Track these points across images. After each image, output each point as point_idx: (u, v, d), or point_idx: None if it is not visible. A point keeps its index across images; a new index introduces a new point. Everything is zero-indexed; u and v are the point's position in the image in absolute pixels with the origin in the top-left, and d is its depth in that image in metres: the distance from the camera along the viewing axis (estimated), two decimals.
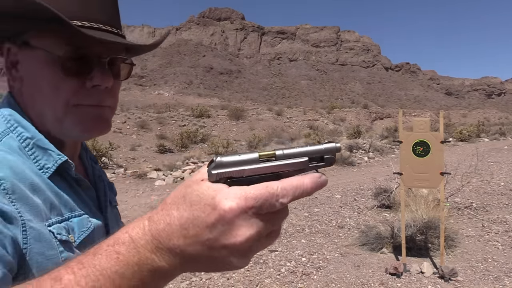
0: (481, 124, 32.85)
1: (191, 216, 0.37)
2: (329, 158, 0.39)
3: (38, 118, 0.66)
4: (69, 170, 0.66)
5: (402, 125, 4.12)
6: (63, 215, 0.61)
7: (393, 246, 4.68)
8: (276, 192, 0.36)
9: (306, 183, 0.37)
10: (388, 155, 16.40)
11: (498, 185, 8.38)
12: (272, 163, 0.38)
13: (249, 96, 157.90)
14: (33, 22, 0.61)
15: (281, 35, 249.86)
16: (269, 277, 4.06)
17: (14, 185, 0.54)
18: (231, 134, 27.57)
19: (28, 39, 0.63)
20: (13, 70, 0.66)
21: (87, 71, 0.64)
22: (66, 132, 0.66)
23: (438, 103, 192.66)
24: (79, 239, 0.61)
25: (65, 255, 0.57)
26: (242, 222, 0.36)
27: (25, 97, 0.66)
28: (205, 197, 0.37)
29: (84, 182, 0.70)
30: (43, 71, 0.63)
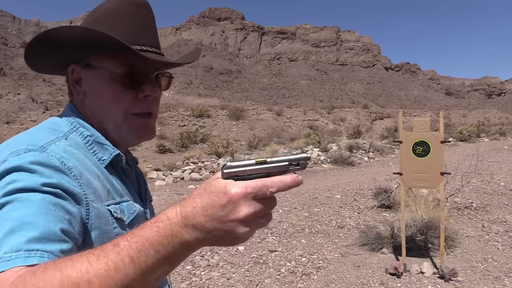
0: (481, 124, 32.83)
1: (210, 201, 0.52)
2: (303, 164, 0.56)
3: (99, 124, 0.82)
4: (121, 162, 0.83)
5: (402, 125, 4.12)
6: (116, 199, 0.77)
7: (393, 246, 4.68)
8: (266, 184, 0.52)
9: (287, 179, 0.53)
10: (388, 155, 16.40)
11: (498, 185, 8.37)
12: (264, 165, 0.55)
13: (249, 96, 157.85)
14: (99, 49, 0.77)
15: (281, 35, 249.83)
16: (269, 277, 4.06)
17: (81, 172, 0.70)
18: (231, 134, 27.55)
19: (91, 61, 0.80)
20: (77, 86, 0.83)
21: (139, 84, 0.81)
22: (123, 136, 0.83)
23: (438, 103, 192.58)
24: (129, 219, 0.78)
25: (117, 230, 0.74)
26: (244, 203, 0.51)
27: (87, 107, 0.83)
28: (219, 187, 0.53)
29: (131, 174, 0.88)
30: (105, 86, 0.80)
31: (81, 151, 0.75)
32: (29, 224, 0.56)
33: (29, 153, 0.65)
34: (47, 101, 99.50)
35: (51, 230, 0.57)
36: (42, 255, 0.54)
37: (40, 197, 0.60)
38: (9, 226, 0.56)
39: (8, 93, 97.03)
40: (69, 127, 0.79)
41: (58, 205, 0.61)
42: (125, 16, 0.80)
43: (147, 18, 0.84)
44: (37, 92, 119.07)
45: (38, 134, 0.74)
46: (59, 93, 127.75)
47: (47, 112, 36.80)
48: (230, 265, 4.36)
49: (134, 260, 0.50)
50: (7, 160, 0.64)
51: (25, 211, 0.58)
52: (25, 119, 32.26)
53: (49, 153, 0.68)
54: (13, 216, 0.57)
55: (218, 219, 0.52)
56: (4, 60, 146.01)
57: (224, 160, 13.88)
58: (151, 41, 0.83)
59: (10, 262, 0.52)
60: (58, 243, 0.57)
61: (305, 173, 11.93)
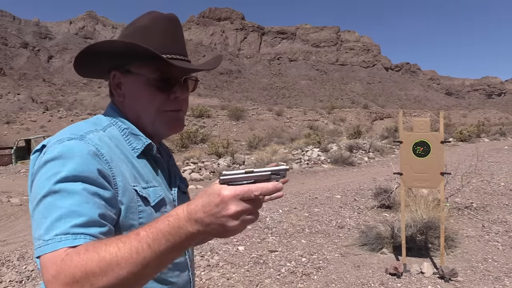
0: (481, 124, 32.83)
1: (208, 200, 0.66)
2: (282, 174, 0.72)
3: (136, 119, 0.97)
4: (152, 151, 0.97)
5: (402, 125, 4.12)
6: (142, 185, 0.90)
7: (393, 246, 4.67)
8: (251, 188, 0.66)
9: (269, 185, 0.67)
10: (388, 155, 16.39)
11: (498, 185, 8.37)
12: (250, 174, 0.69)
13: (249, 96, 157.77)
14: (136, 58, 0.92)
15: (281, 35, 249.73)
16: (269, 277, 4.06)
17: (111, 157, 0.85)
18: (231, 134, 27.54)
19: (130, 68, 0.95)
20: (117, 89, 0.98)
21: (171, 87, 0.95)
22: (157, 129, 0.97)
23: (438, 103, 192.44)
24: (154, 202, 0.91)
25: (141, 208, 0.87)
26: (233, 202, 0.65)
27: (126, 106, 0.98)
28: (215, 189, 0.67)
29: (161, 162, 1.01)
30: (142, 89, 0.94)
31: (114, 142, 0.90)
32: (74, 213, 0.72)
33: (70, 141, 0.81)
34: (47, 101, 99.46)
35: (92, 217, 0.73)
36: (85, 238, 0.70)
37: (81, 187, 0.75)
38: (58, 213, 0.72)
39: (8, 93, 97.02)
40: (108, 122, 0.95)
41: (95, 193, 0.76)
42: (157, 31, 0.94)
43: (175, 31, 0.98)
44: (37, 92, 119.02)
45: (81, 126, 0.90)
46: (59, 93, 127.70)
47: (47, 112, 36.75)
48: (230, 265, 4.36)
49: (150, 246, 0.65)
50: (52, 146, 0.81)
51: (70, 201, 0.73)
52: (25, 119, 32.22)
53: (87, 140, 0.83)
54: (61, 204, 0.72)
55: (213, 214, 0.66)
56: (4, 60, 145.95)
57: (224, 160, 13.89)
58: (179, 51, 0.97)
59: (61, 243, 0.69)
60: (97, 227, 0.74)
61: (305, 174, 11.93)
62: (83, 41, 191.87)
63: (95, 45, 0.90)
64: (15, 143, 18.52)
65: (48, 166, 0.77)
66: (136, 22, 0.97)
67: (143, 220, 0.86)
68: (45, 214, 0.73)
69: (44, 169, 0.78)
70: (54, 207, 0.72)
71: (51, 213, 0.72)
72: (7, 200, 8.39)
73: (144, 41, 0.90)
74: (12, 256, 4.81)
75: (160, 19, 0.95)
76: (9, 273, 4.33)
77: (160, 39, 0.94)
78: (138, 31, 0.94)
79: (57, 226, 0.70)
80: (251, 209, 0.67)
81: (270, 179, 0.69)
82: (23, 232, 6.20)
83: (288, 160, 13.67)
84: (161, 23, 0.95)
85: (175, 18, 0.98)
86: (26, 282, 4.12)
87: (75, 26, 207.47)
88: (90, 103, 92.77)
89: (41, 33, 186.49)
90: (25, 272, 4.36)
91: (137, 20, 0.97)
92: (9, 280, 4.14)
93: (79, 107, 64.29)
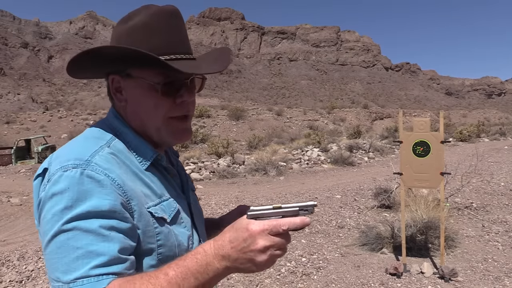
0: (481, 124, 32.81)
1: (235, 235, 0.67)
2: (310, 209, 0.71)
3: (140, 127, 0.89)
4: (161, 162, 0.91)
5: (402, 125, 4.12)
6: (155, 201, 0.84)
7: (393, 246, 4.67)
8: (279, 223, 0.67)
9: (296, 220, 0.68)
10: (388, 155, 16.39)
11: (498, 185, 8.37)
12: (278, 210, 0.69)
13: (249, 96, 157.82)
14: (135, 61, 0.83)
15: (281, 35, 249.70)
16: (269, 277, 4.05)
17: (123, 180, 0.78)
18: (231, 134, 27.54)
19: (130, 72, 0.86)
20: (118, 94, 0.89)
21: (176, 91, 0.86)
22: (163, 138, 0.89)
23: (438, 103, 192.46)
24: (170, 216, 0.85)
25: (158, 230, 0.81)
26: (261, 237, 0.66)
27: (129, 112, 0.89)
28: (243, 224, 0.68)
29: (172, 170, 0.95)
30: (145, 94, 0.85)
31: (121, 157, 0.83)
32: (92, 253, 0.68)
33: (77, 169, 0.74)
34: (47, 101, 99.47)
35: (111, 254, 0.69)
36: (107, 277, 0.68)
37: (96, 224, 0.70)
38: (75, 254, 0.68)
39: (8, 93, 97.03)
40: (111, 134, 0.87)
41: (112, 227, 0.72)
42: (159, 28, 0.84)
43: (179, 25, 0.88)
44: (37, 92, 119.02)
45: (84, 146, 0.81)
46: (59, 93, 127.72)
47: (47, 112, 36.75)
48: None
49: (180, 286, 0.66)
50: (56, 174, 0.74)
51: (86, 240, 0.69)
52: (25, 119, 32.22)
53: (93, 167, 0.75)
54: (76, 245, 0.68)
55: (241, 249, 0.66)
56: (4, 60, 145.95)
57: (224, 160, 13.88)
58: (184, 49, 0.88)
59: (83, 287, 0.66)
60: (119, 264, 0.71)
61: (305, 174, 11.93)
62: (83, 41, 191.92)
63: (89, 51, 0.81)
64: (15, 143, 18.52)
65: (55, 200, 0.71)
66: (132, 17, 0.86)
67: (161, 242, 0.82)
68: (60, 255, 0.68)
69: (51, 203, 0.72)
70: (70, 248, 0.68)
71: (67, 254, 0.68)
72: (7, 200, 8.39)
73: (145, 41, 0.83)
74: (12, 256, 4.81)
75: (161, 14, 0.85)
76: (9, 273, 4.33)
77: (163, 37, 0.84)
78: (138, 30, 0.84)
79: (75, 269, 0.67)
80: (280, 244, 0.67)
81: (298, 214, 0.70)
82: (23, 232, 6.21)
83: (288, 160, 13.67)
84: (163, 19, 0.85)
85: (176, 11, 0.88)
86: (26, 282, 4.13)
87: (75, 26, 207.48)
88: (90, 103, 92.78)
89: (41, 33, 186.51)
90: (25, 272, 4.36)
91: (133, 15, 0.86)
92: (9, 280, 4.14)
93: (79, 107, 64.30)
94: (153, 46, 0.82)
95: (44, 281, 4.12)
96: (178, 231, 0.87)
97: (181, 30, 0.88)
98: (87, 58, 0.83)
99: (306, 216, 0.69)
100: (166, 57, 0.83)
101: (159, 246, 0.81)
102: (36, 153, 17.51)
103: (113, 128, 0.88)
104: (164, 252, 0.82)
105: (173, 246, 0.84)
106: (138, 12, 0.86)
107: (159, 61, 0.79)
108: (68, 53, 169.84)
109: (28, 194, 8.98)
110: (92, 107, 54.21)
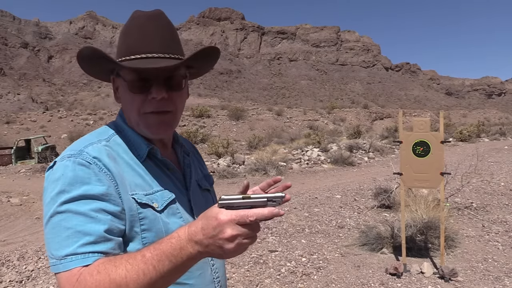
0: (481, 124, 32.79)
1: (206, 223, 0.70)
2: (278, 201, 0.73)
3: (129, 122, 0.97)
4: (156, 154, 0.96)
5: (402, 125, 4.12)
6: (148, 190, 0.91)
7: (393, 246, 4.67)
8: (247, 214, 0.69)
9: (265, 211, 0.69)
10: (388, 155, 16.39)
11: (498, 185, 8.37)
12: (247, 200, 0.71)
13: (249, 96, 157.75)
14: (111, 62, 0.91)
15: (281, 35, 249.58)
16: (269, 277, 4.05)
17: (111, 168, 0.85)
18: (231, 134, 27.54)
19: (119, 71, 0.94)
20: (117, 92, 0.99)
21: (148, 88, 0.91)
22: (141, 132, 0.96)
23: (438, 103, 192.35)
24: (162, 206, 0.91)
25: (142, 215, 0.87)
26: (229, 226, 0.69)
27: (123, 109, 0.99)
28: (213, 213, 0.70)
29: (170, 165, 1.00)
30: (124, 92, 0.94)
31: (119, 150, 0.92)
32: (80, 232, 0.76)
33: (70, 159, 0.84)
34: (47, 101, 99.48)
35: (98, 235, 0.77)
36: (93, 256, 0.75)
37: (85, 206, 0.78)
38: (65, 234, 0.76)
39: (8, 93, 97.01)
40: (112, 131, 0.97)
41: (100, 209, 0.79)
42: (133, 30, 0.93)
43: (152, 27, 0.93)
44: (37, 92, 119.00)
45: (85, 140, 0.92)
46: (59, 93, 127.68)
47: (47, 112, 36.74)
48: (230, 265, 4.36)
49: (156, 268, 0.70)
50: (57, 164, 0.85)
51: (75, 221, 0.77)
52: (25, 119, 32.21)
53: (84, 155, 0.84)
54: (67, 225, 0.77)
55: (211, 237, 0.69)
56: (4, 60, 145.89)
57: (224, 160, 13.88)
58: (154, 48, 0.91)
59: (72, 263, 0.74)
60: (105, 243, 0.77)
61: (305, 174, 11.92)
62: (83, 41, 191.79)
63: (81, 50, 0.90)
64: (15, 143, 18.52)
65: (52, 186, 0.81)
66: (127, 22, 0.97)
67: (145, 227, 0.87)
68: (53, 234, 0.77)
69: (49, 189, 0.81)
70: (62, 228, 0.77)
71: (59, 234, 0.77)
72: (7, 200, 8.38)
73: (123, 42, 0.93)
74: (12, 256, 4.81)
75: (138, 17, 0.94)
76: (9, 273, 4.33)
77: (136, 38, 0.92)
78: (122, 32, 0.96)
79: (65, 246, 0.75)
80: (247, 233, 0.70)
81: (266, 205, 0.72)
82: (23, 232, 6.21)
83: (288, 160, 13.67)
84: (139, 21, 0.93)
85: (155, 14, 0.94)
86: (26, 282, 4.12)
87: (75, 26, 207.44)
88: (90, 103, 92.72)
89: (41, 33, 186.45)
90: (25, 272, 4.36)
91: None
92: (9, 280, 4.14)
93: (79, 107, 64.29)
94: (127, 46, 0.92)
95: (44, 281, 4.12)
96: (170, 220, 0.92)
97: (154, 31, 0.92)
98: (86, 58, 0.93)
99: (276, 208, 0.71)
100: (132, 57, 0.91)
101: (143, 230, 0.87)
102: (36, 153, 17.50)
103: (117, 125, 0.99)
104: (149, 237, 0.87)
105: (160, 233, 0.88)
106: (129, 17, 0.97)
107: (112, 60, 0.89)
108: (68, 53, 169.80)
109: (28, 194, 8.98)
110: (92, 107, 54.19)
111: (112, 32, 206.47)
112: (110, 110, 42.74)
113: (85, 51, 0.90)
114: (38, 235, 5.94)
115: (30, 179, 11.81)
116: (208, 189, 1.15)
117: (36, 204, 8.06)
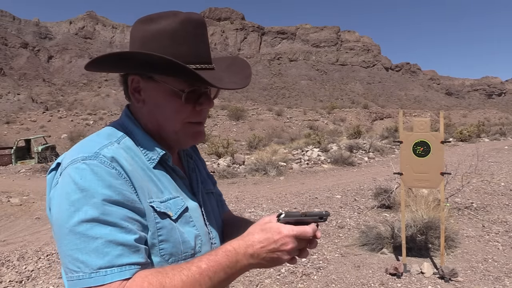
0: (482, 124, 32.80)
1: (266, 237, 0.77)
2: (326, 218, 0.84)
3: (155, 127, 0.92)
4: (168, 161, 0.92)
5: (402, 125, 4.11)
6: (161, 198, 0.86)
7: (393, 246, 4.67)
8: (305, 230, 0.79)
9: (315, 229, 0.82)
10: (388, 155, 16.38)
11: (498, 185, 8.37)
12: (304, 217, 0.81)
13: (249, 96, 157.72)
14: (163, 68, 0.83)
15: (281, 35, 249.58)
16: (269, 277, 4.05)
17: (130, 173, 0.80)
18: (231, 134, 27.55)
19: (153, 75, 0.87)
20: (136, 94, 0.90)
21: (197, 98, 0.90)
22: (179, 140, 0.93)
23: (438, 103, 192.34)
24: (176, 214, 0.87)
25: (160, 225, 0.82)
26: (291, 240, 0.77)
27: (145, 113, 0.92)
28: (275, 227, 0.78)
29: (179, 172, 0.96)
30: (167, 98, 0.88)
31: (130, 154, 0.86)
32: (112, 242, 0.71)
33: (86, 161, 0.76)
34: (47, 101, 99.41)
35: (130, 244, 0.73)
36: (130, 268, 0.71)
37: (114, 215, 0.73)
38: (94, 244, 0.70)
39: (8, 93, 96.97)
40: (122, 133, 0.89)
41: (127, 217, 0.75)
42: (186, 37, 0.85)
43: (204, 36, 0.89)
44: (37, 92, 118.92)
45: (95, 141, 0.84)
46: (59, 93, 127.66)
47: (47, 112, 36.74)
48: None
49: (211, 279, 0.74)
50: (67, 167, 0.77)
51: (105, 230, 0.71)
52: (25, 119, 32.22)
53: (101, 158, 0.78)
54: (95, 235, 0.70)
55: (271, 250, 0.76)
56: (4, 60, 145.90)
57: (224, 160, 13.88)
58: (208, 58, 0.90)
59: (108, 277, 0.69)
60: (138, 253, 0.74)
61: (305, 174, 11.92)
62: (83, 41, 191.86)
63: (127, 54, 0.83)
64: (15, 143, 18.53)
65: (68, 191, 0.73)
66: (157, 21, 0.85)
67: (163, 237, 0.82)
68: (78, 244, 0.70)
69: (65, 194, 0.73)
70: (88, 238, 0.70)
71: (87, 244, 0.70)
72: (7, 200, 8.38)
73: (173, 48, 0.84)
74: (12, 256, 4.81)
75: (189, 22, 0.86)
76: (9, 273, 4.33)
77: (190, 46, 0.86)
78: (166, 36, 0.84)
79: (96, 258, 0.69)
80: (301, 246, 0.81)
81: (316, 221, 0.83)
82: (23, 232, 6.20)
83: (288, 160, 13.67)
84: (191, 27, 0.86)
85: (203, 22, 0.90)
86: (26, 282, 4.12)
87: (75, 26, 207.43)
88: (90, 103, 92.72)
89: (41, 33, 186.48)
90: (25, 272, 4.36)
91: (159, 19, 0.86)
92: (9, 280, 4.14)
93: (79, 107, 64.26)
94: (180, 54, 0.84)
95: (44, 281, 4.12)
96: (185, 229, 0.88)
97: (205, 40, 0.90)
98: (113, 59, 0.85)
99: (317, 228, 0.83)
100: (192, 66, 0.84)
101: (160, 241, 0.82)
102: (36, 153, 17.52)
103: (125, 127, 0.92)
104: (166, 248, 0.82)
105: (178, 243, 0.84)
106: (165, 17, 0.86)
107: (192, 73, 0.81)
108: (68, 53, 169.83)
109: (28, 194, 8.99)
110: (92, 107, 54.20)
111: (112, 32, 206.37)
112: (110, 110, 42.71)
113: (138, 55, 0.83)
114: (38, 235, 5.94)
115: (30, 179, 11.82)
116: (212, 192, 1.11)
117: (36, 204, 8.06)
